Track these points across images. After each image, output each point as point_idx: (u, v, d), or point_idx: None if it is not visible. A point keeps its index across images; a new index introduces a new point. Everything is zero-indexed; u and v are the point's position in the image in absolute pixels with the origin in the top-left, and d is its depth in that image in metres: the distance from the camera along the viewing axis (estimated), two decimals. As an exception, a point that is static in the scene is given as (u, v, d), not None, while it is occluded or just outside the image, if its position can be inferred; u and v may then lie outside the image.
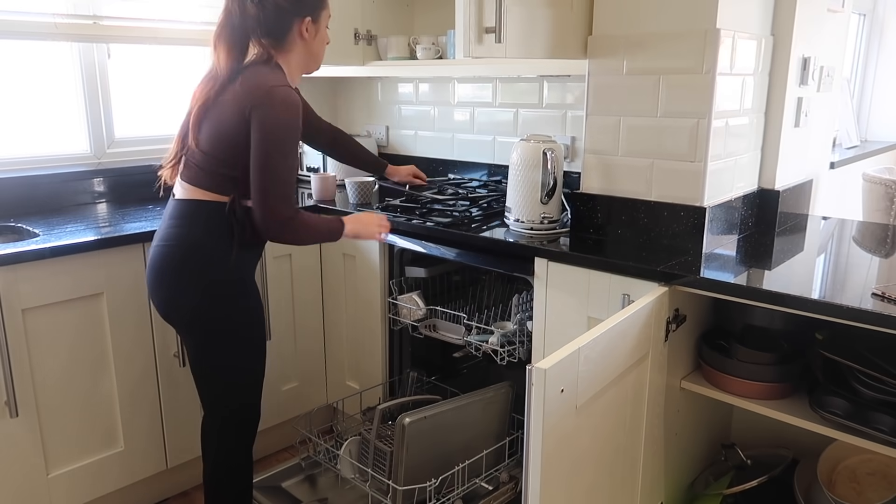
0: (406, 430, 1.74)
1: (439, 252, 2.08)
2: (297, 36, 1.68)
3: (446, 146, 2.78)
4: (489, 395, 1.95)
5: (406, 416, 1.75)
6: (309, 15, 1.67)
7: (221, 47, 1.65)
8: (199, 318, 1.69)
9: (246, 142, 1.60)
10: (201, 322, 1.69)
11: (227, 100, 1.63)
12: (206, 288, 1.67)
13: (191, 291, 1.67)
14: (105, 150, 2.56)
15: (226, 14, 1.65)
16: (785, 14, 1.89)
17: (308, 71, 1.78)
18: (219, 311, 1.69)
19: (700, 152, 1.73)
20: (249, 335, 1.75)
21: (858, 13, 4.36)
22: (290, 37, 1.67)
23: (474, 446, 1.91)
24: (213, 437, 1.80)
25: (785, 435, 1.88)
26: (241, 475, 1.83)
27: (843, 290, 1.45)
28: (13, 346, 1.81)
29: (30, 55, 2.39)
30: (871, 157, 4.06)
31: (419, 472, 1.78)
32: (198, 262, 1.66)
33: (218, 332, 1.70)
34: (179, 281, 1.67)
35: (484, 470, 1.90)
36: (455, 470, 1.82)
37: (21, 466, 1.88)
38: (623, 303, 1.67)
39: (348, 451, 1.93)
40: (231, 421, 1.78)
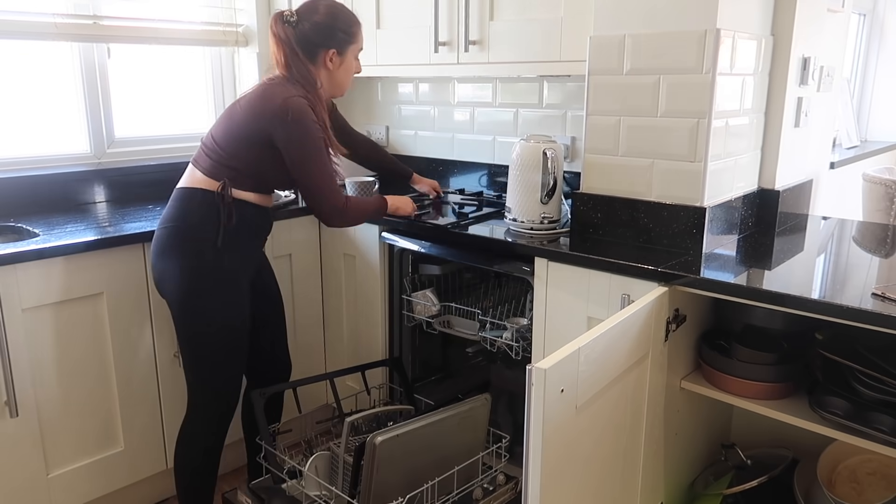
0: (377, 449, 1.66)
1: (439, 252, 2.08)
2: (321, 64, 1.86)
3: (446, 146, 2.78)
4: (465, 409, 1.88)
5: (378, 435, 1.67)
6: (335, 48, 1.85)
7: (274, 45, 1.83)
8: (184, 297, 1.78)
9: (255, 142, 1.76)
10: (185, 301, 1.78)
11: (244, 100, 1.80)
12: (193, 270, 1.76)
13: (179, 270, 1.76)
14: (105, 150, 2.56)
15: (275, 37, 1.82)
16: (785, 14, 1.89)
17: (332, 96, 1.96)
18: (202, 295, 1.78)
19: (700, 152, 1.73)
20: (229, 332, 1.82)
21: (858, 13, 4.36)
22: (317, 62, 1.85)
23: (449, 462, 1.83)
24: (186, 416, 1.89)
25: (785, 435, 1.88)
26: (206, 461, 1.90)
27: (842, 290, 1.45)
28: (13, 346, 1.81)
29: (30, 55, 2.39)
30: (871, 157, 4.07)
31: (390, 489, 1.71)
32: (190, 243, 1.76)
33: (199, 315, 1.79)
34: (171, 258, 1.77)
35: (455, 487, 1.84)
36: (425, 487, 1.75)
37: (21, 466, 1.88)
38: (623, 303, 1.67)
39: (314, 466, 1.84)
40: (203, 405, 1.87)
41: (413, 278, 2.31)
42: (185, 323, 1.80)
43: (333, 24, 1.85)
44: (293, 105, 1.72)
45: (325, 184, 1.78)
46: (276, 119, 1.72)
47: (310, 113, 1.75)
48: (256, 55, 2.76)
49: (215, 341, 1.81)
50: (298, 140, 1.74)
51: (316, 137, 1.75)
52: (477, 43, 2.17)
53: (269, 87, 1.79)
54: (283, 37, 1.81)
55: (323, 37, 1.83)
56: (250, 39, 2.79)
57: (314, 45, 1.83)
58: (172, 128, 2.77)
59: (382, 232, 2.24)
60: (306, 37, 1.82)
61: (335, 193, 1.81)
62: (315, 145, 1.75)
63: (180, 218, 1.77)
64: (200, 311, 1.78)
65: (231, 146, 1.77)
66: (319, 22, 1.83)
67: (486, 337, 2.09)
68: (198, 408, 1.87)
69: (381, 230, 2.24)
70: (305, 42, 1.82)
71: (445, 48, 2.25)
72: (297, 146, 1.74)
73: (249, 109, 1.77)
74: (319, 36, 1.83)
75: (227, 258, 1.78)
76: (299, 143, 1.74)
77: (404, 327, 2.36)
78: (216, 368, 1.84)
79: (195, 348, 1.82)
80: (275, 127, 1.72)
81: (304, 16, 1.82)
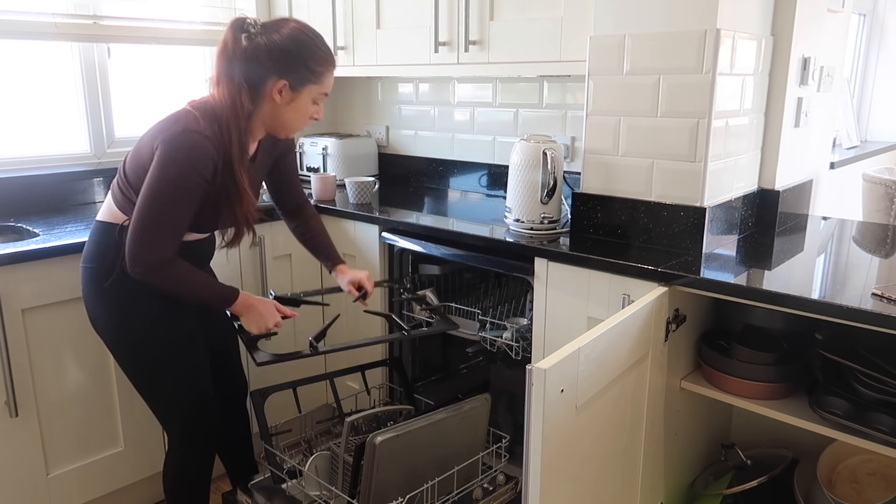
0: (377, 450, 1.66)
1: (439, 252, 2.08)
2: (265, 94, 1.56)
3: (446, 146, 2.78)
4: (465, 409, 1.86)
5: (378, 435, 1.66)
6: (286, 79, 1.55)
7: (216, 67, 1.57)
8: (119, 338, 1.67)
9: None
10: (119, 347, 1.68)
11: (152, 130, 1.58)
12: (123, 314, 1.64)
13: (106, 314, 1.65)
14: (105, 149, 2.56)
15: (222, 44, 1.56)
16: (785, 14, 1.89)
17: (274, 134, 1.68)
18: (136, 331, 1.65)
19: (700, 152, 1.73)
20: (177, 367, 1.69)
21: (858, 13, 4.36)
22: (261, 90, 1.55)
23: (449, 461, 1.82)
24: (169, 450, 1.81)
25: (785, 435, 1.88)
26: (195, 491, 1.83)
27: (842, 290, 1.45)
28: (13, 346, 1.81)
29: (30, 55, 2.39)
30: (871, 158, 4.07)
31: (390, 488, 1.71)
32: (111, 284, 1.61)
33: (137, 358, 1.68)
34: (97, 302, 1.65)
35: (455, 486, 1.83)
36: (425, 487, 1.75)
37: (21, 466, 1.88)
38: (623, 303, 1.67)
39: (314, 466, 1.84)
40: (181, 438, 1.77)
41: (413, 278, 2.31)
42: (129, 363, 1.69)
43: (296, 52, 1.55)
44: (180, 140, 1.48)
45: (151, 228, 1.49)
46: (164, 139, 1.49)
47: (194, 157, 1.49)
48: (256, 55, 2.76)
49: (165, 373, 1.68)
50: (157, 169, 1.48)
51: (177, 182, 1.48)
52: (477, 43, 2.17)
53: (180, 114, 1.54)
54: (228, 48, 1.53)
55: (276, 62, 1.53)
56: (250, 39, 2.79)
57: (262, 69, 1.53)
58: (172, 128, 2.77)
59: (382, 232, 2.24)
60: (256, 56, 1.52)
61: (158, 246, 1.51)
62: (168, 187, 1.49)
63: (98, 258, 1.62)
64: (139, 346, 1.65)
65: (133, 179, 1.56)
66: (278, 43, 1.53)
67: (486, 337, 2.09)
68: (177, 442, 1.77)
69: (381, 230, 2.24)
70: (253, 62, 1.52)
71: (445, 48, 2.25)
72: (152, 174, 1.49)
73: (149, 137, 1.55)
74: (272, 60, 1.53)
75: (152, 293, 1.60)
76: (156, 172, 1.48)
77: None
78: (179, 395, 1.71)
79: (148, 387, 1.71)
80: (160, 144, 1.49)
81: (265, 30, 1.54)
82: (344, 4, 2.50)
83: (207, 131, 1.50)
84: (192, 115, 1.52)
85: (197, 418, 1.76)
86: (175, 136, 1.49)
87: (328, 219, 2.40)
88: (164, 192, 1.49)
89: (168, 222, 1.52)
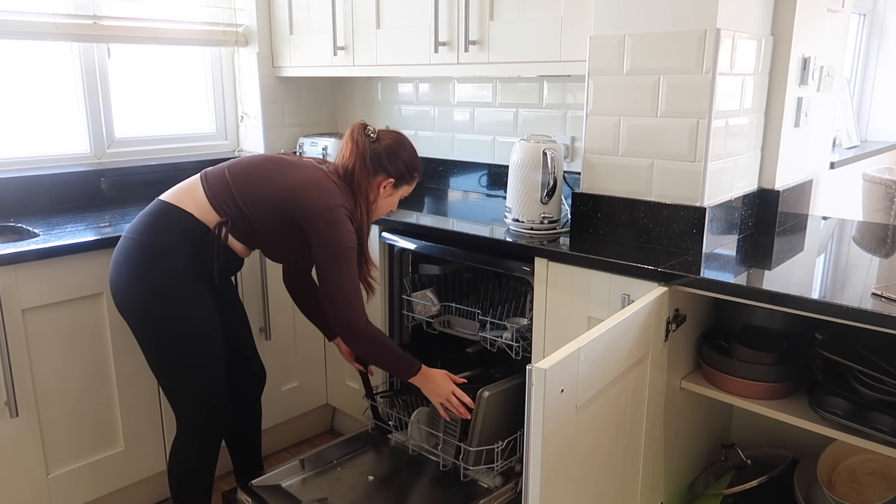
0: (485, 401, 1.94)
1: (439, 252, 2.08)
2: (377, 185, 1.84)
3: (446, 146, 2.78)
4: None
5: (485, 390, 1.95)
6: (395, 179, 1.85)
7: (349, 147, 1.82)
8: (147, 318, 1.71)
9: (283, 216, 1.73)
10: (148, 324, 1.72)
11: (297, 171, 1.77)
12: (155, 290, 1.69)
13: (139, 286, 1.70)
14: (105, 150, 2.56)
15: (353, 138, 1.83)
16: (785, 14, 1.89)
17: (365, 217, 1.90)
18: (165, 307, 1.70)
19: (700, 152, 1.73)
20: (200, 339, 1.74)
21: (858, 13, 4.36)
22: (373, 182, 1.83)
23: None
24: (176, 435, 1.84)
25: (785, 435, 1.88)
26: (199, 479, 1.86)
27: (843, 290, 1.45)
28: (13, 346, 1.81)
29: (30, 55, 2.39)
30: (871, 157, 4.06)
31: (489, 435, 1.97)
32: (157, 262, 1.69)
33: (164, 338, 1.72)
34: (132, 273, 1.70)
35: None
36: (517, 434, 2.01)
37: (21, 466, 1.88)
38: (623, 303, 1.67)
39: (416, 419, 2.13)
40: (190, 424, 1.81)
41: (413, 278, 2.31)
42: (151, 340, 1.74)
43: (406, 159, 1.86)
44: (337, 213, 1.72)
45: (348, 293, 1.73)
46: (318, 214, 1.70)
47: (347, 223, 1.74)
48: (256, 55, 2.76)
49: (187, 352, 1.74)
50: (332, 240, 1.71)
51: (347, 246, 1.72)
52: (477, 43, 2.17)
53: (326, 181, 1.76)
54: (359, 145, 1.82)
55: (391, 163, 1.83)
56: (250, 39, 2.79)
57: (380, 166, 1.82)
58: (172, 128, 2.77)
59: (382, 232, 2.24)
60: (378, 154, 1.82)
61: (356, 308, 1.75)
62: (346, 251, 1.72)
63: (154, 234, 1.70)
64: (165, 325, 1.71)
65: (254, 204, 1.73)
66: (395, 150, 1.84)
67: (486, 337, 2.09)
68: (186, 428, 1.82)
69: (381, 230, 2.24)
70: (376, 157, 1.82)
71: (445, 48, 2.25)
72: (325, 246, 1.71)
73: (295, 188, 1.73)
74: (389, 160, 1.83)
75: (193, 279, 1.72)
76: (328, 243, 1.71)
77: (404, 327, 2.36)
78: (195, 380, 1.77)
79: (168, 366, 1.76)
80: (313, 219, 1.71)
81: (383, 138, 1.84)
82: (344, 4, 2.50)
83: (349, 205, 1.77)
84: (335, 189, 1.76)
85: (210, 409, 1.80)
86: (327, 209, 1.72)
87: (328, 219, 2.40)
88: (340, 261, 1.71)
89: (352, 286, 1.74)
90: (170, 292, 1.70)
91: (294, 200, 1.72)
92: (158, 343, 1.74)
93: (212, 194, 1.73)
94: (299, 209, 1.71)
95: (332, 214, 1.71)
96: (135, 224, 1.75)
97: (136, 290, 1.70)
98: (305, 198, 1.72)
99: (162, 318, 1.70)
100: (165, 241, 1.69)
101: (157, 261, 1.69)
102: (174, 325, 1.71)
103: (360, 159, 1.81)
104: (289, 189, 1.73)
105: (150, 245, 1.70)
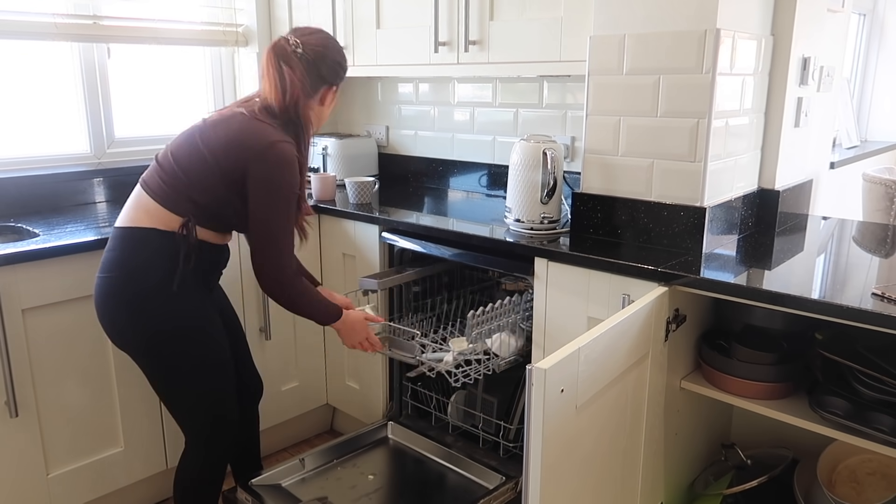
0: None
1: (439, 252, 2.08)
2: (318, 100, 1.73)
3: (446, 146, 2.78)
4: None
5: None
6: (336, 84, 1.73)
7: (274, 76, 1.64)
8: (146, 346, 1.65)
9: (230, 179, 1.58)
10: (147, 350, 1.66)
11: (220, 127, 1.62)
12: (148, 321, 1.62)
13: (133, 324, 1.62)
14: (105, 149, 2.56)
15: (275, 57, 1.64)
16: (785, 14, 1.89)
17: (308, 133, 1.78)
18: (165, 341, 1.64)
19: (700, 152, 1.73)
20: (203, 355, 1.68)
21: (858, 13, 4.36)
22: (314, 98, 1.71)
23: None
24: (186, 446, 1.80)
25: (785, 435, 1.88)
26: (208, 488, 1.82)
27: (843, 290, 1.45)
28: (13, 346, 1.81)
29: (30, 55, 2.39)
30: (871, 157, 4.07)
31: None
32: (141, 294, 1.60)
33: (168, 357, 1.66)
34: (120, 311, 1.62)
35: None
36: None
37: (21, 466, 1.88)
38: (623, 303, 1.67)
39: (455, 400, 2.21)
40: (199, 436, 1.76)
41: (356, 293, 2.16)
42: (156, 365, 1.67)
43: (337, 59, 1.71)
44: (281, 149, 1.57)
45: (280, 242, 1.59)
46: (259, 156, 1.56)
47: (295, 165, 1.59)
48: (256, 55, 2.77)
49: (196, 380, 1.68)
50: (273, 184, 1.56)
51: (290, 192, 1.59)
52: (477, 43, 2.17)
53: (254, 122, 1.61)
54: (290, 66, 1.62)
55: (329, 69, 1.68)
56: (250, 39, 2.79)
57: (319, 79, 1.67)
58: (172, 128, 2.77)
59: (382, 232, 2.24)
60: (312, 66, 1.64)
61: (289, 257, 1.61)
62: (286, 198, 1.58)
63: (126, 266, 1.59)
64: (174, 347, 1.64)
65: (201, 178, 1.58)
66: (324, 52, 1.67)
67: (423, 361, 1.91)
68: (196, 440, 1.76)
69: (381, 230, 2.24)
70: (313, 70, 1.65)
71: (445, 48, 2.25)
72: (267, 190, 1.56)
73: (229, 141, 1.58)
74: (326, 67, 1.67)
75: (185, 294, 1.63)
76: (272, 188, 1.56)
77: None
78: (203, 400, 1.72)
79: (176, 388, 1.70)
80: (254, 164, 1.56)
81: (307, 43, 1.66)
82: (344, 4, 2.50)
83: (291, 140, 1.61)
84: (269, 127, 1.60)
85: (220, 424, 1.76)
86: (270, 148, 1.57)
87: (328, 219, 2.40)
88: (281, 206, 1.58)
89: (290, 234, 1.61)
90: (164, 316, 1.61)
91: (232, 159, 1.57)
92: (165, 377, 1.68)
93: (158, 197, 1.61)
94: (240, 164, 1.57)
95: (273, 152, 1.56)
96: (103, 262, 1.64)
97: (129, 326, 1.62)
98: (241, 151, 1.57)
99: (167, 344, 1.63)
100: (142, 266, 1.59)
101: (141, 289, 1.59)
102: (180, 358, 1.65)
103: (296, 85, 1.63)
104: (221, 152, 1.58)
105: (127, 278, 1.60)
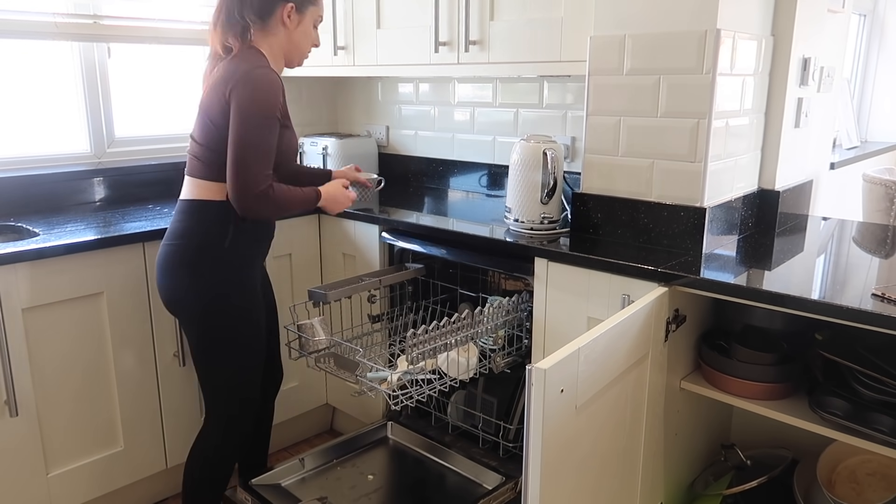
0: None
1: (438, 252, 2.08)
2: (279, 21, 1.72)
3: (446, 146, 2.78)
4: None
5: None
6: (293, 2, 1.71)
7: (217, 30, 1.72)
8: (198, 313, 1.75)
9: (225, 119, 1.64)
10: (199, 317, 1.76)
11: (209, 86, 1.68)
12: (203, 285, 1.73)
13: (190, 287, 1.73)
14: (105, 149, 2.56)
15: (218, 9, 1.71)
16: (785, 14, 1.89)
17: (290, 63, 1.82)
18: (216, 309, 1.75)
19: (700, 152, 1.73)
20: (246, 333, 1.80)
21: (858, 13, 4.36)
22: (272, 20, 1.71)
23: None
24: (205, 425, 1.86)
25: (785, 435, 1.88)
26: (221, 468, 1.87)
27: (842, 290, 1.45)
28: (13, 346, 1.81)
29: (30, 55, 2.39)
30: (871, 158, 4.06)
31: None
32: (197, 259, 1.72)
33: (214, 328, 1.76)
34: (180, 277, 1.73)
35: None
36: None
37: (21, 466, 1.88)
38: (623, 303, 1.67)
39: (455, 400, 2.20)
40: (223, 416, 1.84)
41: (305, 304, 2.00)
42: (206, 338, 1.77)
43: None
44: (256, 74, 1.60)
45: (254, 165, 1.60)
46: (235, 85, 1.60)
47: (272, 87, 1.62)
48: (256, 55, 2.76)
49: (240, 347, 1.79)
50: (245, 104, 1.59)
51: (269, 112, 1.61)
52: (477, 43, 2.17)
53: (227, 64, 1.66)
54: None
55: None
56: (250, 39, 2.79)
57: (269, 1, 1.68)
58: (172, 128, 2.77)
59: (382, 232, 2.24)
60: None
61: (262, 175, 1.63)
62: (265, 116, 1.60)
63: (189, 234, 1.72)
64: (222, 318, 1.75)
65: (209, 141, 1.66)
66: None
67: (363, 381, 1.82)
68: (220, 417, 1.83)
69: (381, 230, 2.24)
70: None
71: (445, 48, 2.25)
72: (239, 111, 1.59)
73: (214, 91, 1.65)
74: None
75: (239, 262, 1.75)
76: (251, 106, 1.59)
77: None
78: (242, 372, 1.81)
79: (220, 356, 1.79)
80: (233, 95, 1.60)
81: None
82: (344, 4, 2.50)
83: (268, 66, 1.64)
84: (249, 54, 1.65)
85: (246, 406, 1.84)
86: (247, 73, 1.60)
87: (328, 218, 2.40)
88: (255, 125, 1.60)
89: (265, 152, 1.62)
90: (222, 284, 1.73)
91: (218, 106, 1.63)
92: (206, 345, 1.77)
93: (197, 172, 1.72)
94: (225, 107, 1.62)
95: (248, 78, 1.60)
96: (168, 231, 1.77)
97: (190, 289, 1.73)
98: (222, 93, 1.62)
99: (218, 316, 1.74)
100: (202, 233, 1.71)
101: (202, 254, 1.71)
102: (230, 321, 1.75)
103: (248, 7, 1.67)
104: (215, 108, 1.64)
105: (188, 243, 1.71)
